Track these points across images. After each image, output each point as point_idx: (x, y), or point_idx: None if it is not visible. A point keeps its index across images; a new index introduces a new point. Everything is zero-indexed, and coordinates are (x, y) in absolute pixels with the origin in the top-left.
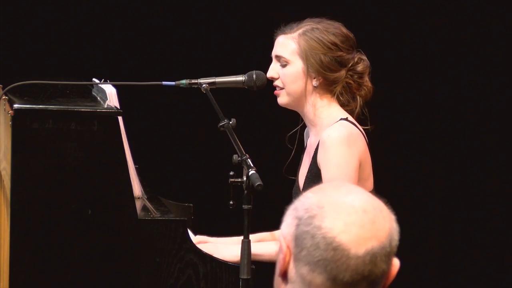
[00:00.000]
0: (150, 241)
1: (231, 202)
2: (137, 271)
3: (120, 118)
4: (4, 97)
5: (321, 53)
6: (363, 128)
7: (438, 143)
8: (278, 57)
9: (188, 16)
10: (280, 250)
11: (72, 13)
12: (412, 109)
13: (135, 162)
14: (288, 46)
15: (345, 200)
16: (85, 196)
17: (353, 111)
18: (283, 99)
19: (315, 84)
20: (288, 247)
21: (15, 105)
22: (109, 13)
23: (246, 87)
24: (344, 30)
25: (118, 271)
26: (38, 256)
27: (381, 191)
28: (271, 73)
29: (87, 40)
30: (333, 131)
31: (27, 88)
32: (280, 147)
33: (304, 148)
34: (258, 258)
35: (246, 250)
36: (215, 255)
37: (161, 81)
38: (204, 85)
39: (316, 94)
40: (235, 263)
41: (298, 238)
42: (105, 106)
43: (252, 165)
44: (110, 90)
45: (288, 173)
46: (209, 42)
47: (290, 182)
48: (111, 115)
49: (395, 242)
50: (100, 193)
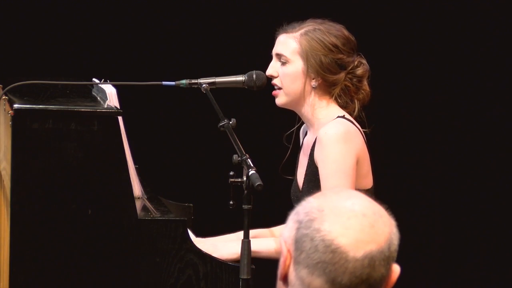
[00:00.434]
0: (150, 241)
1: (231, 202)
2: (137, 271)
3: (120, 118)
4: (4, 97)
5: (322, 54)
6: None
7: (438, 143)
8: (279, 55)
9: (188, 16)
10: (281, 254)
11: (72, 13)
12: (412, 109)
13: (135, 162)
14: (289, 45)
15: (345, 204)
16: (85, 196)
17: (351, 114)
18: (281, 100)
19: (314, 85)
20: (289, 251)
21: (15, 105)
22: (109, 13)
23: (246, 87)
24: (346, 33)
25: (118, 271)
26: (38, 256)
27: (381, 189)
28: (271, 71)
29: (87, 40)
30: (330, 128)
31: (27, 88)
32: (280, 147)
33: (300, 147)
34: (256, 255)
35: (246, 250)
36: (214, 255)
37: (161, 81)
38: (204, 85)
39: (315, 95)
40: (235, 260)
41: (298, 241)
42: (105, 106)
43: (252, 165)
44: (110, 90)
45: (285, 173)
46: (209, 42)
47: (290, 182)
48: (111, 115)
49: (395, 247)
50: (100, 193)
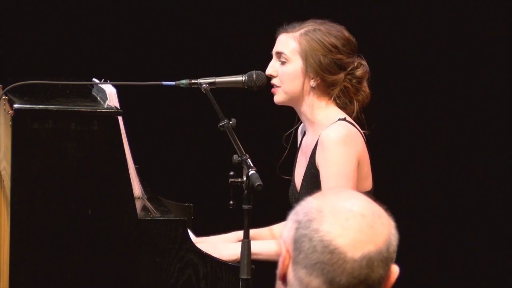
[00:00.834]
0: (150, 241)
1: (231, 202)
2: (137, 271)
3: (120, 118)
4: (4, 97)
5: (321, 54)
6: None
7: (438, 143)
8: (279, 54)
9: (188, 16)
10: (280, 254)
11: (72, 13)
12: (411, 110)
13: (135, 162)
14: (289, 45)
15: (344, 205)
16: (85, 196)
17: (350, 115)
18: (279, 97)
19: (313, 85)
20: (288, 251)
21: (15, 105)
22: (109, 13)
23: (246, 87)
24: (346, 34)
25: (118, 271)
26: (38, 256)
27: (380, 190)
28: (270, 71)
29: (87, 40)
30: (332, 131)
31: (27, 88)
32: (280, 147)
33: (299, 147)
34: (256, 257)
35: (246, 250)
36: (215, 255)
37: (161, 81)
38: (204, 85)
39: (314, 95)
40: (235, 262)
41: (297, 241)
42: (105, 106)
43: (252, 165)
44: (110, 90)
45: (283, 173)
46: (209, 42)
47: (290, 182)
48: (111, 115)
49: (393, 248)
50: (100, 193)
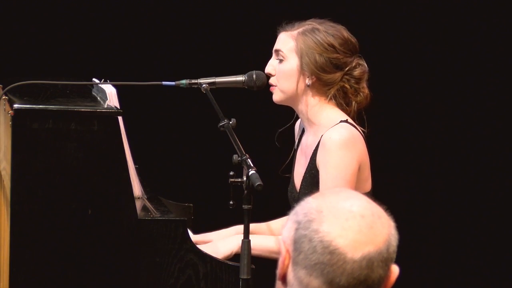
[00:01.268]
0: (150, 241)
1: (231, 202)
2: (137, 271)
3: (120, 118)
4: (4, 97)
5: (317, 53)
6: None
7: (437, 143)
8: (277, 51)
9: (188, 16)
10: (280, 254)
11: (72, 13)
12: (411, 110)
13: (135, 162)
14: (287, 43)
15: (344, 205)
16: (85, 196)
17: (349, 116)
18: (277, 96)
19: (308, 83)
20: (287, 251)
21: (15, 105)
22: (109, 13)
23: (246, 87)
24: (345, 34)
25: (118, 271)
26: (38, 256)
27: (380, 190)
28: (269, 69)
29: (87, 40)
30: (334, 133)
31: (27, 88)
32: (280, 147)
33: (297, 145)
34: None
35: (246, 250)
36: (213, 254)
37: (161, 81)
38: (204, 85)
39: (310, 94)
40: (233, 256)
41: (297, 242)
42: (105, 106)
43: (252, 165)
44: (110, 90)
45: (282, 171)
46: (209, 42)
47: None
48: (111, 115)
49: (393, 248)
50: (100, 193)
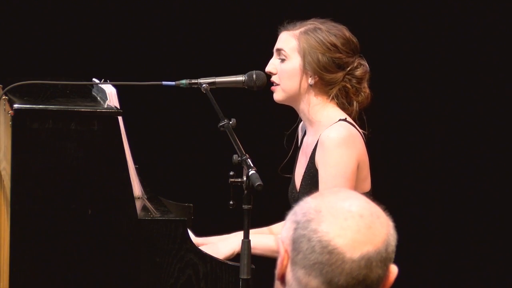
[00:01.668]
0: (150, 241)
1: (231, 202)
2: (137, 271)
3: (120, 118)
4: (4, 97)
5: (320, 52)
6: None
7: (436, 143)
8: (279, 51)
9: (188, 16)
10: (279, 254)
11: (72, 13)
12: (410, 110)
13: (135, 162)
14: (289, 42)
15: (343, 205)
16: (85, 196)
17: (350, 116)
18: (278, 95)
19: (311, 83)
20: (286, 251)
21: (15, 105)
22: (109, 13)
23: (246, 87)
24: (347, 33)
25: (118, 271)
26: (38, 256)
27: (379, 190)
28: (270, 68)
29: (87, 40)
30: (333, 132)
31: (27, 88)
32: (280, 147)
33: (299, 146)
34: (251, 251)
35: (246, 250)
36: (214, 255)
37: (161, 81)
38: (204, 85)
39: (312, 93)
40: (234, 256)
41: (295, 242)
42: (105, 106)
43: (252, 165)
44: (110, 90)
45: (284, 171)
46: (209, 42)
47: (290, 182)
48: (111, 115)
49: (392, 248)
50: (100, 193)
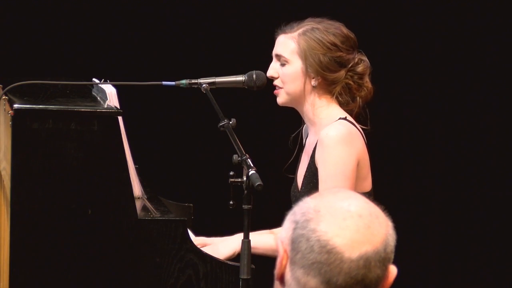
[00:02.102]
0: (150, 241)
1: (231, 202)
2: (137, 271)
3: (120, 118)
4: (4, 97)
5: (320, 53)
6: (362, 127)
7: (436, 143)
8: (278, 56)
9: (188, 16)
10: (278, 254)
11: (72, 13)
12: (412, 109)
13: (135, 162)
14: (288, 46)
15: (342, 205)
16: (85, 196)
17: (353, 111)
18: (282, 99)
19: (314, 84)
20: (285, 251)
21: (15, 105)
22: (109, 13)
23: (246, 87)
24: (345, 31)
25: (118, 271)
26: (38, 256)
27: (379, 190)
28: (271, 73)
29: (87, 40)
30: (332, 130)
31: (27, 88)
32: (280, 147)
33: (303, 147)
34: (253, 251)
35: (246, 250)
36: (215, 255)
37: (161, 81)
38: (204, 85)
39: (315, 94)
40: (235, 256)
41: (294, 242)
42: (105, 106)
43: (252, 165)
44: (110, 90)
45: (287, 172)
46: (209, 42)
47: (291, 182)
48: (111, 115)
49: (391, 248)
50: (100, 193)
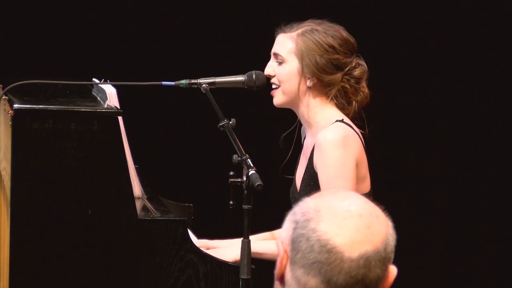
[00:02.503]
0: (150, 241)
1: (231, 202)
2: (137, 271)
3: (120, 118)
4: (4, 97)
5: (317, 54)
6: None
7: (436, 143)
8: (276, 55)
9: (188, 16)
10: (278, 254)
11: (72, 13)
12: (410, 111)
13: (135, 162)
14: (286, 45)
15: (342, 205)
16: (85, 196)
17: (348, 115)
18: (278, 99)
19: (309, 85)
20: (285, 251)
21: (15, 105)
22: (109, 13)
23: (246, 87)
24: (344, 34)
25: (118, 271)
26: (38, 256)
27: (378, 190)
28: (268, 71)
29: (87, 40)
30: (329, 133)
31: (27, 88)
32: (280, 147)
33: (301, 148)
34: (260, 257)
35: (246, 250)
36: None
37: (161, 81)
38: (204, 85)
39: (310, 95)
40: (237, 263)
41: (294, 241)
42: (105, 106)
43: (252, 165)
44: (110, 90)
45: (285, 173)
46: (209, 42)
47: (290, 182)
48: (111, 115)
49: (391, 248)
50: (100, 193)
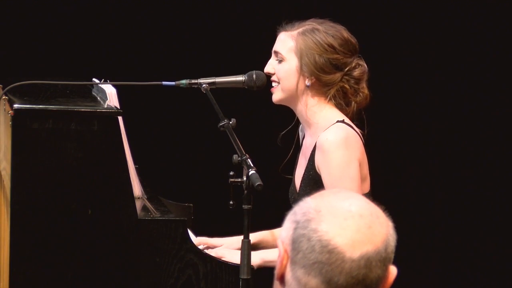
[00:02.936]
0: (150, 241)
1: (231, 202)
2: (137, 271)
3: (120, 118)
4: (4, 97)
5: (316, 54)
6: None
7: (436, 143)
8: (276, 53)
9: (188, 16)
10: (278, 254)
11: (72, 13)
12: (410, 111)
13: (135, 162)
14: (286, 43)
15: (343, 205)
16: (85, 196)
17: (347, 116)
18: (277, 95)
19: (308, 84)
20: (286, 251)
21: (15, 105)
22: (109, 13)
23: (246, 87)
24: (345, 34)
25: (118, 271)
26: (38, 256)
27: (378, 190)
28: (268, 68)
29: (87, 40)
30: (330, 134)
31: (27, 88)
32: (280, 147)
33: (300, 147)
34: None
35: (246, 250)
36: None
37: (161, 81)
38: (204, 85)
39: (308, 94)
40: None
41: (295, 242)
42: (105, 106)
43: (252, 165)
44: (110, 90)
45: (285, 172)
46: (209, 42)
47: (290, 183)
48: (111, 115)
49: (391, 248)
50: (100, 193)
